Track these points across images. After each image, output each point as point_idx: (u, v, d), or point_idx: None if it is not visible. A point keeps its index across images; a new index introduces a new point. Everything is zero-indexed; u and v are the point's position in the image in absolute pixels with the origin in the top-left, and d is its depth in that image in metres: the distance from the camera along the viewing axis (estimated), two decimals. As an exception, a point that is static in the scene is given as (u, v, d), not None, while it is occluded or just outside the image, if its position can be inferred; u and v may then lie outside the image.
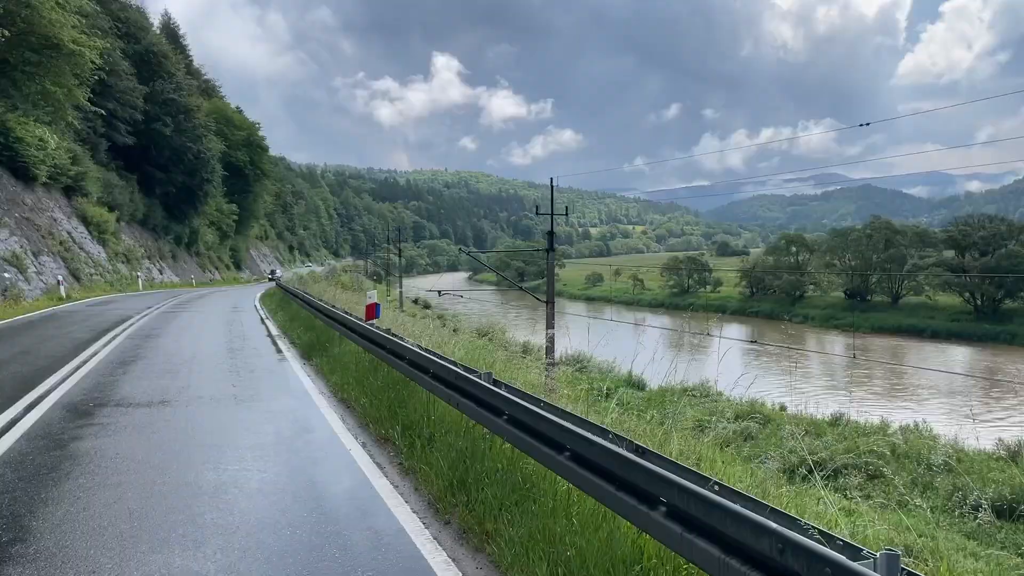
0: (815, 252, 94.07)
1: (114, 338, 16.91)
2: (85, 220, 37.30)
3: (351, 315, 14.10)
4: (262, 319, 22.75)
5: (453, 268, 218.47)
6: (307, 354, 15.42)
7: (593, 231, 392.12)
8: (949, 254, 72.66)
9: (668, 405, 13.72)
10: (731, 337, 52.82)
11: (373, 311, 12.92)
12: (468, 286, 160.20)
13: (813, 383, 43.25)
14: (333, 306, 16.85)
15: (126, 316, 22.24)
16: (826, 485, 10.55)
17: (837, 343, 66.40)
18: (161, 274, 51.26)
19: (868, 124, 27.29)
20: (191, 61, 65.49)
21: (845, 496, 12.96)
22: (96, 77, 33.74)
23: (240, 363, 14.09)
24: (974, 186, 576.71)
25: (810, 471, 9.73)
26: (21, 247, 27.63)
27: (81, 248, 35.01)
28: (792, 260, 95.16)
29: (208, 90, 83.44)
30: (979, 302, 69.68)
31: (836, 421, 25.18)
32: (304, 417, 9.37)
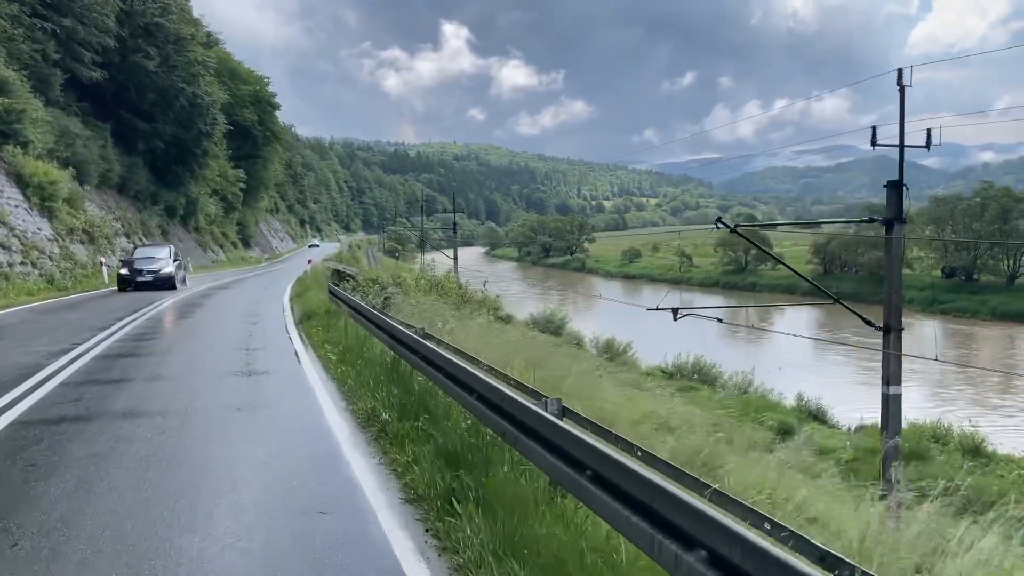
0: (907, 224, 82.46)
1: None
2: (20, 181, 25.33)
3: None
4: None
5: (468, 243, 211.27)
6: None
7: (606, 204, 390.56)
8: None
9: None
10: (914, 356, 42.51)
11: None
12: (486, 261, 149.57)
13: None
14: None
15: None
16: None
17: (981, 336, 54.56)
18: (145, 257, 39.30)
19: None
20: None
21: None
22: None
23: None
24: (988, 156, 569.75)
25: None
26: None
27: (2, 222, 22.90)
28: (875, 234, 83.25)
29: (209, 44, 71.46)
30: None
31: None
32: None
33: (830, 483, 16.47)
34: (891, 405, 11.32)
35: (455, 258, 45.04)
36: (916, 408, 33.31)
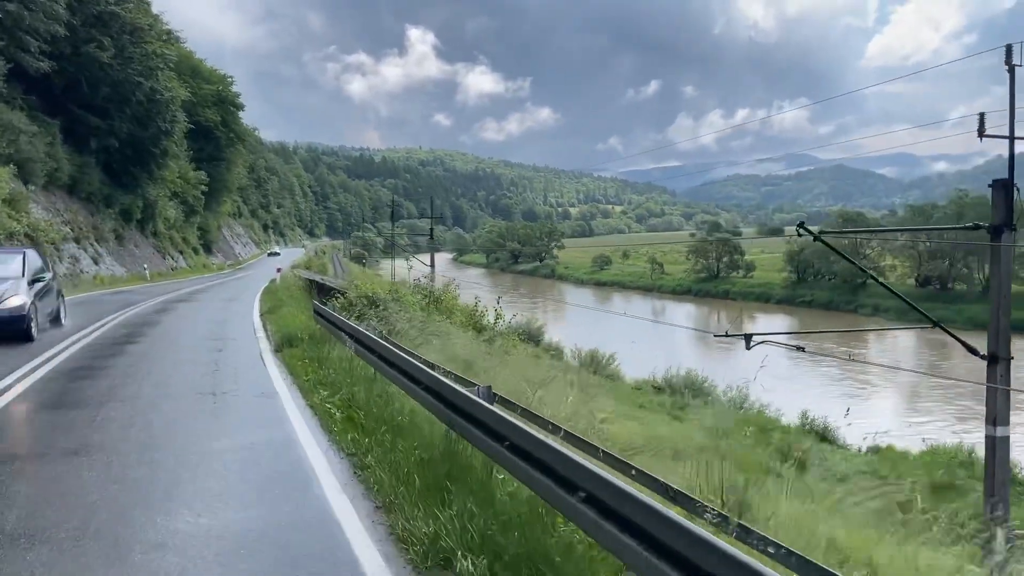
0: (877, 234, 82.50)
1: None
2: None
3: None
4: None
5: (435, 248, 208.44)
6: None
7: (572, 211, 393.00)
8: None
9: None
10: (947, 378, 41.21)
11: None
12: (454, 267, 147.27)
13: None
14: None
15: None
16: None
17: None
18: (96, 264, 36.22)
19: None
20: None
21: None
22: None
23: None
24: (941, 167, 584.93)
25: None
26: None
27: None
28: (847, 243, 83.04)
29: (169, 42, 68.57)
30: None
31: None
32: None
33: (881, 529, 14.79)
34: (998, 450, 9.49)
35: (431, 265, 42.72)
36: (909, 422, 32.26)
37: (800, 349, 9.48)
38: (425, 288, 14.10)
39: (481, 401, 5.20)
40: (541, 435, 4.27)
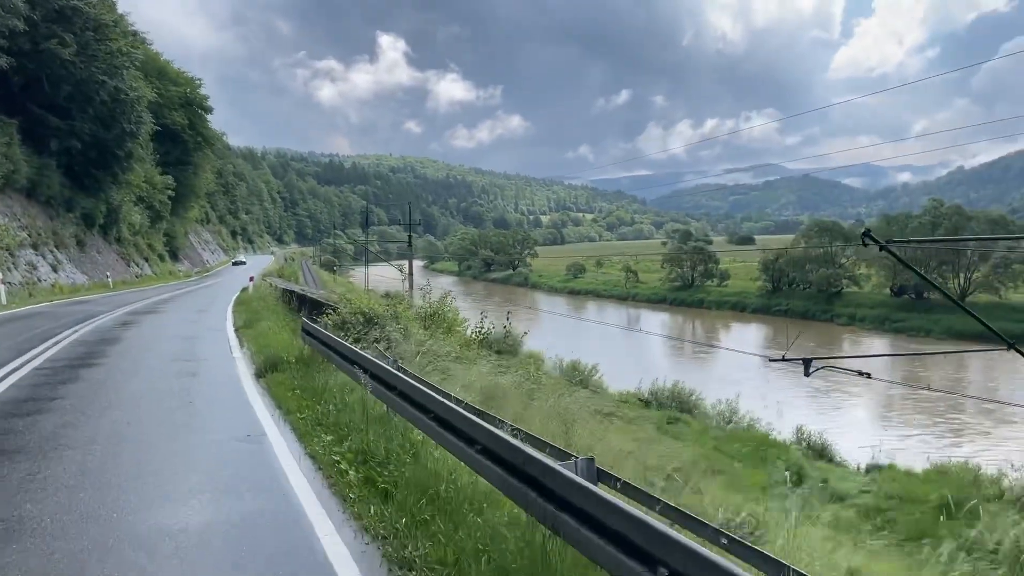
0: (852, 242, 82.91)
1: None
2: None
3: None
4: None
5: (404, 256, 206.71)
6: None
7: (544, 218, 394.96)
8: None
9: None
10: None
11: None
12: (425, 275, 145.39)
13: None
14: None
15: None
16: None
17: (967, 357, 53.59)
18: (56, 272, 34.21)
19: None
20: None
21: None
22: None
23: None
24: (905, 177, 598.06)
25: None
26: None
27: None
28: (823, 251, 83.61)
29: (135, 43, 66.63)
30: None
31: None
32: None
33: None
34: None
35: (410, 273, 41.34)
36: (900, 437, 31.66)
37: (866, 375, 8.46)
38: (426, 303, 12.53)
39: (584, 483, 3.74)
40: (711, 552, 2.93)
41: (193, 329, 18.21)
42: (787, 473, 20.26)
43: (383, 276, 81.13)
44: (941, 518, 17.25)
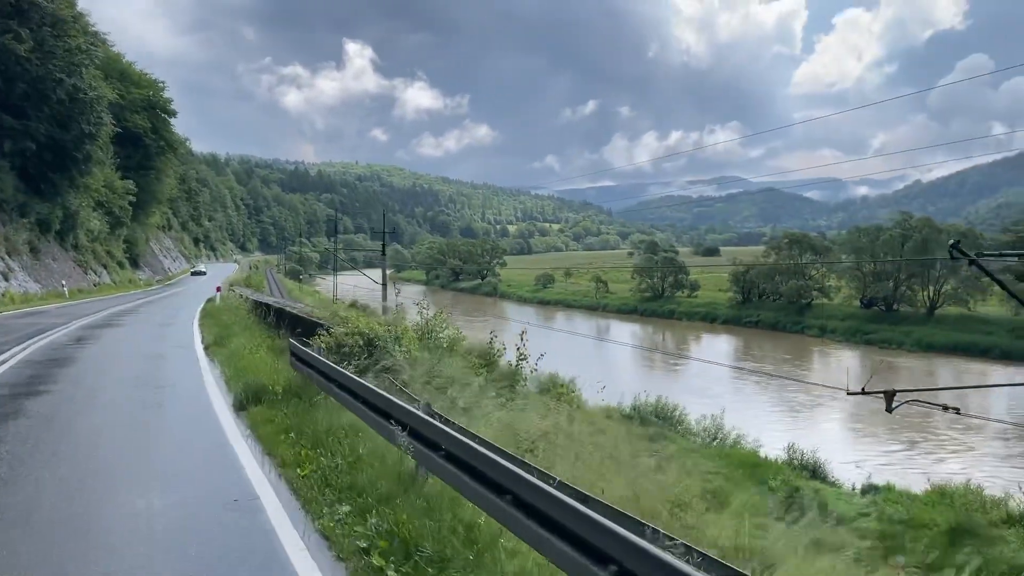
0: (822, 255, 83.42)
1: None
2: None
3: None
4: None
5: (371, 264, 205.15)
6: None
7: (511, 228, 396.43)
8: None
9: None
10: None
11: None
12: (393, 284, 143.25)
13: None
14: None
15: None
16: None
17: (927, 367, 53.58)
18: (7, 280, 32.22)
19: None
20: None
21: None
22: None
23: None
24: (864, 191, 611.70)
25: None
26: None
27: None
28: (794, 263, 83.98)
29: (96, 44, 64.76)
30: (1058, 315, 58.89)
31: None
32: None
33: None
34: None
35: (384, 283, 39.89)
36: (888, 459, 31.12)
37: (953, 410, 7.52)
38: (420, 319, 11.20)
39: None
40: None
41: (157, 346, 16.51)
42: (787, 497, 19.38)
43: (352, 285, 79.62)
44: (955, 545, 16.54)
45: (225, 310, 22.51)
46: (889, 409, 7.46)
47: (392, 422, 6.14)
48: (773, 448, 26.44)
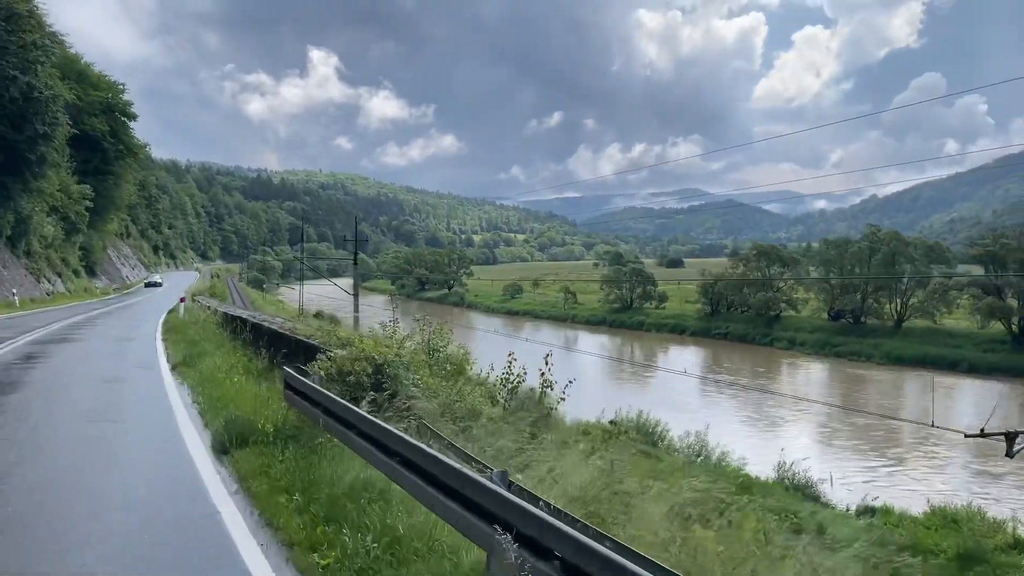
0: (791, 267, 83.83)
1: None
2: None
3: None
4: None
5: (335, 274, 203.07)
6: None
7: (476, 238, 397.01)
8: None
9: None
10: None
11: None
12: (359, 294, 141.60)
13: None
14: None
15: None
16: None
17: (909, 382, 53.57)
18: (-47, 288, 30.54)
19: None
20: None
21: None
22: None
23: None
24: (822, 204, 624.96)
25: None
26: None
27: None
28: (762, 275, 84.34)
29: (52, 42, 62.52)
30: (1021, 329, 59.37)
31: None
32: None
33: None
34: None
35: (356, 293, 38.54)
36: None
37: None
38: (427, 340, 9.82)
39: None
40: None
41: (116, 367, 14.62)
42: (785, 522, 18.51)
43: (317, 295, 77.80)
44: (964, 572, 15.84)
45: (191, 323, 20.96)
46: (1010, 454, 6.52)
47: (471, 512, 4.25)
48: (758, 465, 25.81)
